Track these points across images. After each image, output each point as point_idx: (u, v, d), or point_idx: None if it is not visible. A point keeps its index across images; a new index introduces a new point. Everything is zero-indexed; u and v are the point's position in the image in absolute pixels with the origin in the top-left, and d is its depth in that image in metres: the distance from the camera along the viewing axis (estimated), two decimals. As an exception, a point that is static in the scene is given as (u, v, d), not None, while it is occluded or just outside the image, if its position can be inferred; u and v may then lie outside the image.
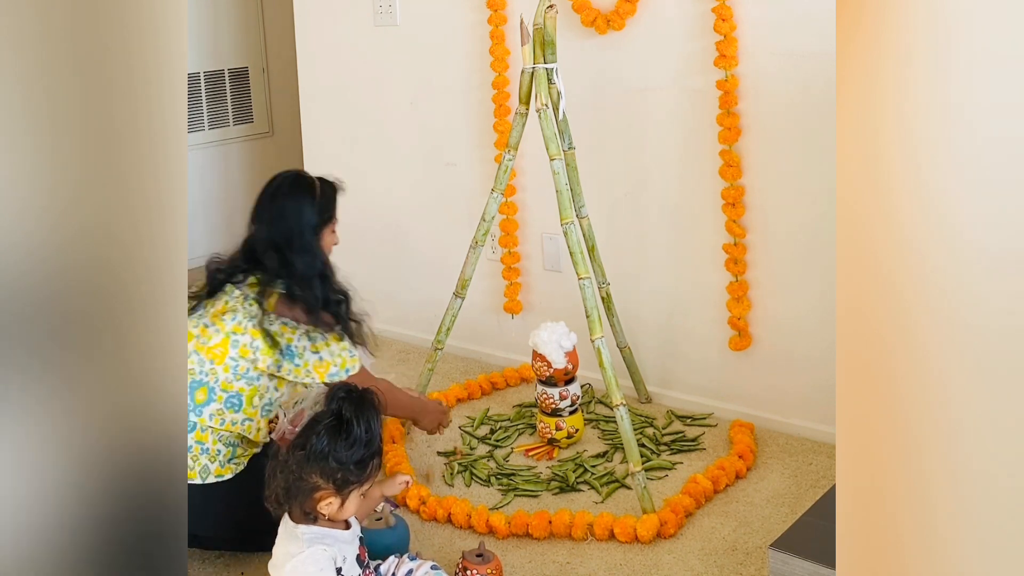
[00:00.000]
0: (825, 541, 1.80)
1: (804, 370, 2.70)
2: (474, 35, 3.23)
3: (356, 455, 1.83)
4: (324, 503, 1.84)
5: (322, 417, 1.87)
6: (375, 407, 1.89)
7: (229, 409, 2.15)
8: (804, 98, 2.58)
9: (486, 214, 2.70)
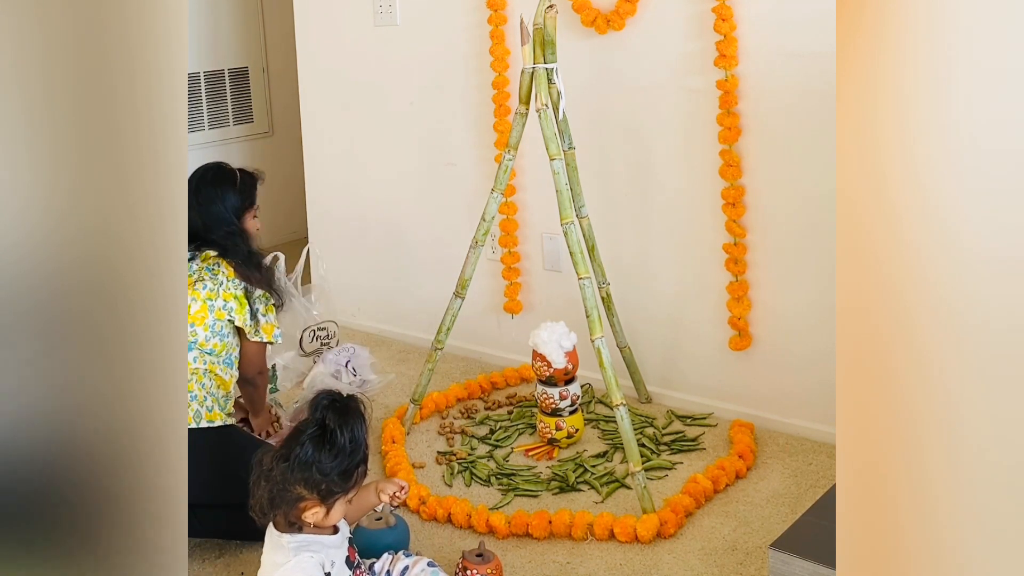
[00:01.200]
0: (825, 541, 1.80)
1: (804, 370, 2.70)
2: (474, 35, 3.23)
3: (340, 465, 1.81)
4: (309, 512, 1.83)
5: (305, 426, 1.84)
6: (360, 415, 1.87)
7: (206, 354, 2.43)
8: (804, 98, 2.58)
9: (486, 214, 2.70)
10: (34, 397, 1.20)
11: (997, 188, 1.08)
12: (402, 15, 3.43)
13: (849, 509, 1.20)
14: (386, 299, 3.65)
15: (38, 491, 1.19)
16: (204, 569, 2.25)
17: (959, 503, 1.11)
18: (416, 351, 3.48)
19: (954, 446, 1.11)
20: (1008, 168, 1.07)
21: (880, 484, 1.17)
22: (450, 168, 3.40)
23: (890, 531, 1.16)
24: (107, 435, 1.25)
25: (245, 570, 2.22)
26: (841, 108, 1.19)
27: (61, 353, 1.21)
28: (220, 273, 2.47)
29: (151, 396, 1.29)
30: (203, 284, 2.45)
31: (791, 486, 2.48)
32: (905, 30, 1.13)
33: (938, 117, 1.12)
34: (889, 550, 1.16)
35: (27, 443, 1.20)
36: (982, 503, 1.10)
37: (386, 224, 3.60)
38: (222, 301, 2.45)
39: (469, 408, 3.00)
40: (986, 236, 1.09)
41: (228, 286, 2.46)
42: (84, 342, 1.23)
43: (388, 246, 3.60)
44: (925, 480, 1.13)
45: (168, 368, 1.31)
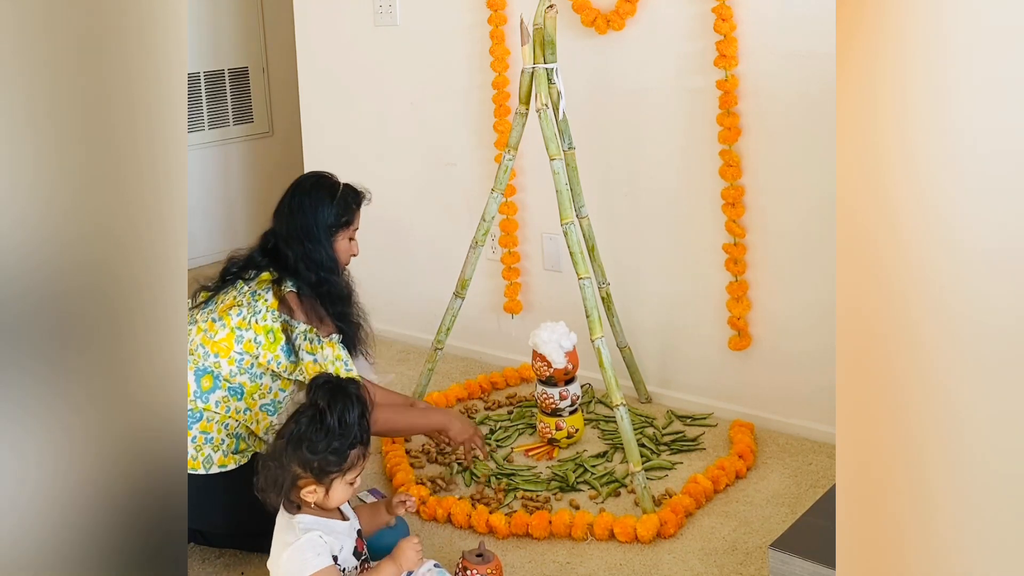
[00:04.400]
0: (825, 541, 1.80)
1: (804, 370, 2.70)
2: (474, 35, 3.23)
3: (331, 444, 1.85)
4: (307, 491, 1.87)
5: (304, 408, 1.91)
6: (354, 397, 1.90)
7: (232, 397, 2.19)
8: (804, 98, 2.58)
9: (486, 214, 2.70)
10: (34, 396, 1.20)
11: (997, 187, 1.08)
12: (402, 15, 3.43)
13: (849, 509, 1.20)
14: (386, 299, 3.65)
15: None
16: (204, 569, 2.25)
17: (959, 503, 1.11)
18: (416, 351, 3.48)
19: (954, 446, 1.11)
20: (1007, 168, 1.07)
21: (880, 484, 1.17)
22: (450, 168, 3.40)
23: (890, 531, 1.16)
24: (107, 435, 1.25)
25: (245, 570, 2.22)
26: (841, 108, 1.19)
27: (62, 352, 1.21)
28: (261, 300, 2.20)
29: (151, 396, 1.29)
30: (238, 310, 2.20)
31: (791, 486, 2.48)
32: (905, 30, 1.13)
33: (938, 117, 1.12)
34: (889, 550, 1.16)
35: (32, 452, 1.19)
36: (982, 503, 1.10)
37: (386, 224, 3.60)
38: (252, 333, 2.18)
39: (469, 408, 3.00)
40: (986, 235, 1.09)
41: (266, 316, 2.19)
42: (85, 342, 1.23)
43: (388, 246, 3.60)
44: (925, 480, 1.13)
45: (168, 368, 1.30)
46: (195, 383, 2.18)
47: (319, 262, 2.26)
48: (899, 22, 1.14)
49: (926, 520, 1.13)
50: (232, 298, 2.23)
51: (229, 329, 2.19)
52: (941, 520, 1.12)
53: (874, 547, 1.17)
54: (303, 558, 1.83)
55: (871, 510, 1.17)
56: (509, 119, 3.13)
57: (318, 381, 1.93)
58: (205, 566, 2.25)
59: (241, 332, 2.18)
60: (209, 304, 2.26)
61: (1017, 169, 1.07)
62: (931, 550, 1.13)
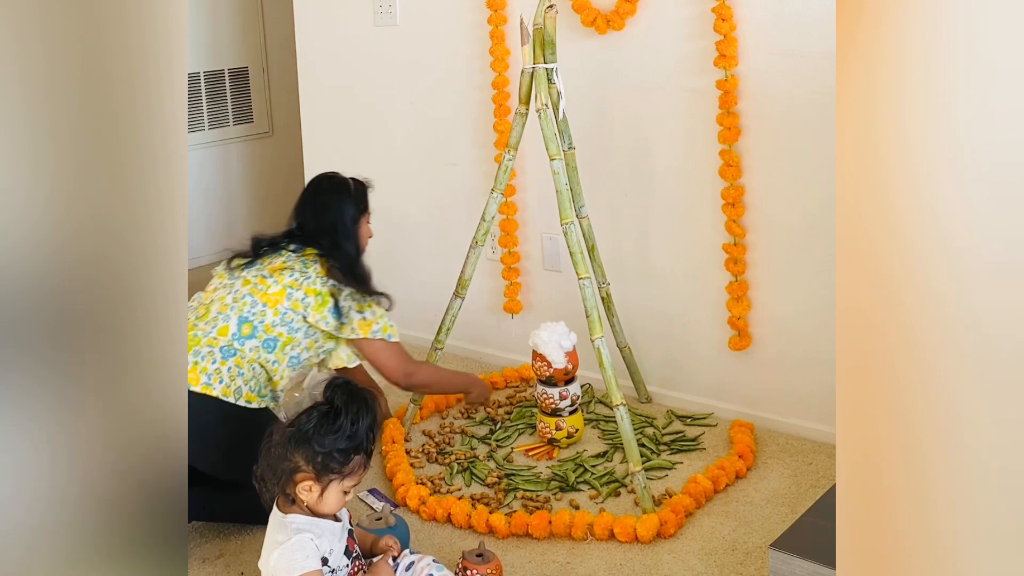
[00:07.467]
0: (825, 541, 1.80)
1: (804, 370, 2.70)
2: (474, 35, 3.23)
3: (339, 444, 1.89)
4: (303, 486, 1.89)
5: (319, 404, 1.95)
6: (368, 407, 1.95)
7: (265, 348, 2.38)
8: (804, 98, 2.58)
9: (486, 214, 2.70)
10: (34, 395, 1.20)
11: (996, 188, 1.08)
12: (402, 15, 3.43)
13: (849, 509, 1.20)
14: (386, 299, 3.65)
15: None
16: (204, 569, 2.25)
17: (959, 503, 1.11)
18: (416, 351, 3.46)
19: (953, 446, 1.11)
20: (1007, 168, 1.07)
21: (880, 484, 1.17)
22: (450, 168, 3.40)
23: (890, 531, 1.16)
24: (107, 433, 1.25)
25: (245, 570, 2.23)
26: (841, 108, 1.19)
27: (61, 351, 1.21)
28: (312, 268, 2.44)
29: (151, 395, 1.29)
30: (291, 272, 2.42)
31: (791, 486, 2.48)
32: (905, 31, 1.13)
33: (938, 118, 1.12)
34: (889, 550, 1.16)
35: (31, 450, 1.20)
36: (981, 503, 1.10)
37: (386, 224, 3.59)
38: (302, 294, 2.40)
39: (469, 408, 3.00)
40: (985, 236, 1.09)
41: (316, 281, 2.41)
42: (84, 341, 1.23)
43: (388, 246, 3.60)
44: (925, 480, 1.13)
45: (168, 367, 1.31)
46: (236, 327, 2.36)
47: (349, 252, 2.51)
48: (899, 22, 1.14)
49: (926, 520, 1.13)
50: (282, 261, 2.45)
51: (281, 286, 2.40)
52: (941, 520, 1.12)
53: (874, 547, 1.17)
54: (292, 558, 1.86)
55: (871, 510, 1.17)
56: (509, 119, 3.13)
57: (338, 381, 1.98)
58: (205, 566, 2.26)
59: (292, 291, 2.40)
60: (255, 264, 2.47)
61: (1017, 169, 1.07)
62: (931, 550, 1.13)
